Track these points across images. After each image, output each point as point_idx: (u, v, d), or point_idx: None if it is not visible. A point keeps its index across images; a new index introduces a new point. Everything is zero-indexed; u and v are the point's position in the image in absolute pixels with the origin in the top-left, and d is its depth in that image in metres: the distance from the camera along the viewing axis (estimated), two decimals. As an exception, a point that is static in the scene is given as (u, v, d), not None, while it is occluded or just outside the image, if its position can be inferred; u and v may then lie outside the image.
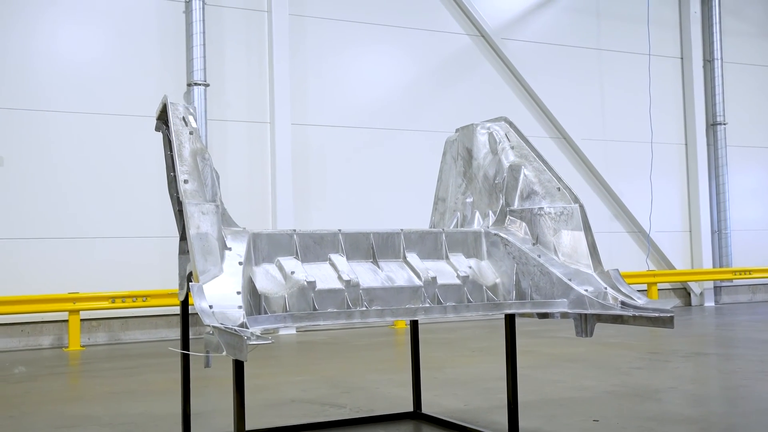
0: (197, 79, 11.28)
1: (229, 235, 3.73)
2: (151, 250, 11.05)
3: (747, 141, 16.17)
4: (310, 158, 12.21)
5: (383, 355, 8.75)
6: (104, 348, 10.24)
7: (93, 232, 10.80)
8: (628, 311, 3.81)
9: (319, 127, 12.29)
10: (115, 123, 11.05)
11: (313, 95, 12.29)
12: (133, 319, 10.94)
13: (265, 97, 11.92)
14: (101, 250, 10.81)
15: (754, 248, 15.94)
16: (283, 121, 11.82)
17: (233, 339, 2.95)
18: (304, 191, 12.09)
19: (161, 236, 11.11)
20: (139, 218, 11.07)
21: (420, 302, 3.99)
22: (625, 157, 14.55)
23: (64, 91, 10.82)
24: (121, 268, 10.83)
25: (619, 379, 6.34)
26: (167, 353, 9.40)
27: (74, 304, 10.08)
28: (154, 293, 10.48)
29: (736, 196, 15.79)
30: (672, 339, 9.16)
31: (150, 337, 11.00)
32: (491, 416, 5.01)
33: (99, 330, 10.77)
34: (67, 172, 10.75)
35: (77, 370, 8.22)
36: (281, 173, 11.72)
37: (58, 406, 5.90)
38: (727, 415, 4.90)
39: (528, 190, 4.44)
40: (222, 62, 11.73)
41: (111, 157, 11.01)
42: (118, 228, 10.94)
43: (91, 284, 10.54)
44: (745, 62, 16.37)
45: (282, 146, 11.78)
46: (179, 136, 3.81)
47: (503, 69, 13.74)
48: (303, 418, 5.09)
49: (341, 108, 12.47)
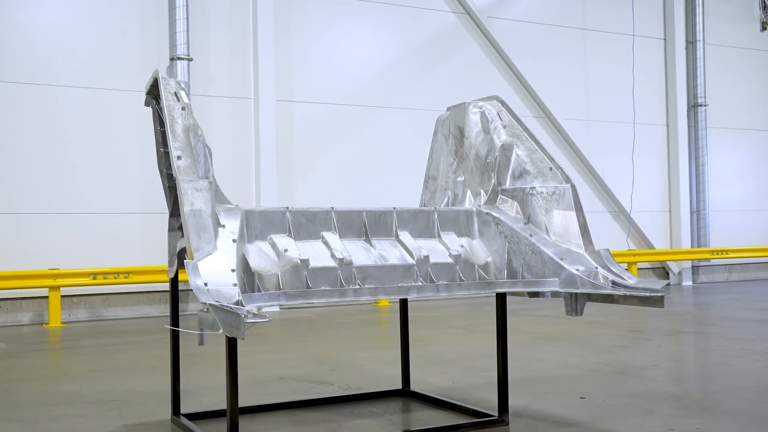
0: (180, 53, 11.14)
1: (222, 212, 3.71)
2: (134, 226, 10.97)
3: (726, 123, 16.31)
4: (295, 135, 12.14)
5: (368, 333, 8.78)
6: (85, 325, 10.18)
7: (74, 208, 10.68)
8: (618, 290, 3.84)
9: (304, 103, 12.21)
10: (96, 97, 10.90)
11: (298, 72, 12.20)
12: (115, 296, 10.87)
13: (249, 72, 11.81)
14: (82, 226, 10.70)
15: (731, 228, 16.13)
16: (267, 98, 11.73)
17: (230, 317, 2.94)
18: (288, 168, 12.03)
19: (143, 212, 11.03)
20: (121, 194, 10.96)
21: (412, 281, 4.00)
22: (608, 137, 14.61)
23: (43, 65, 10.64)
24: (102, 244, 10.74)
25: (603, 357, 6.41)
26: (150, 330, 9.36)
27: (55, 281, 10.00)
28: (137, 270, 10.42)
29: (715, 177, 15.95)
30: (652, 317, 9.26)
31: (132, 314, 10.95)
32: (479, 393, 5.05)
33: (80, 306, 10.69)
34: (47, 147, 10.60)
35: (59, 347, 8.17)
36: (265, 150, 11.65)
37: (42, 383, 5.87)
38: (709, 393, 4.97)
39: (520, 170, 4.45)
40: (206, 37, 11.59)
41: (92, 132, 10.87)
42: (99, 204, 10.83)
43: (72, 260, 10.45)
44: (727, 44, 16.46)
45: (266, 123, 11.70)
46: (171, 112, 3.77)
47: (489, 47, 13.70)
48: (292, 396, 5.10)
49: (327, 85, 12.39)
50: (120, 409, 4.80)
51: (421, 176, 12.91)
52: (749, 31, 16.83)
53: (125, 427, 4.33)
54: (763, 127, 16.86)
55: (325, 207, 4.08)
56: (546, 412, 4.47)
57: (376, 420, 4.39)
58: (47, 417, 4.63)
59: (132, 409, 4.80)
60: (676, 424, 4.12)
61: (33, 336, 9.06)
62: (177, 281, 4.47)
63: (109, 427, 4.32)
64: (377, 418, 4.44)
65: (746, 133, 16.65)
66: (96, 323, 10.31)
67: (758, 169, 16.77)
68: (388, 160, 12.69)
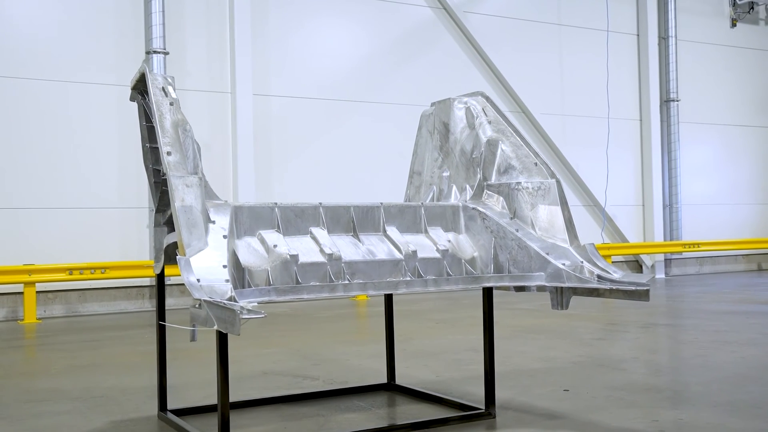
0: (156, 46, 11.05)
1: (211, 208, 3.69)
2: (110, 221, 10.87)
3: (698, 118, 16.53)
4: (272, 129, 12.10)
5: (347, 327, 8.80)
6: (61, 320, 10.08)
7: (49, 203, 10.56)
8: (605, 284, 3.90)
9: (281, 98, 12.17)
10: (71, 91, 10.77)
11: (274, 66, 12.15)
12: (91, 291, 10.77)
13: (226, 66, 11.75)
14: (58, 221, 10.58)
15: (702, 222, 16.37)
16: (244, 92, 11.67)
17: (225, 313, 2.94)
18: (266, 162, 11.99)
19: (120, 207, 10.94)
20: (96, 189, 10.86)
21: (401, 275, 4.02)
22: (583, 132, 14.75)
23: (17, 57, 10.49)
24: (78, 239, 10.64)
25: (583, 350, 6.49)
26: (128, 325, 9.30)
27: (30, 276, 9.88)
28: (114, 265, 10.33)
29: (687, 171, 16.17)
30: (628, 310, 9.38)
31: (108, 309, 10.85)
32: (464, 387, 5.09)
33: (55, 302, 10.58)
34: (21, 141, 10.46)
35: (36, 343, 8.08)
36: (242, 144, 11.60)
37: (23, 380, 5.81)
38: (689, 384, 5.06)
39: (505, 165, 4.49)
40: (182, 30, 11.50)
41: (68, 126, 10.75)
42: (75, 199, 10.72)
43: (47, 256, 10.33)
44: (698, 40, 16.68)
45: (243, 117, 11.64)
46: (160, 107, 3.74)
47: (465, 42, 13.75)
48: (278, 390, 5.10)
49: (304, 79, 12.36)
50: (105, 406, 4.77)
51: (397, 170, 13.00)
52: (720, 27, 17.07)
53: (112, 423, 4.31)
54: (733, 122, 17.12)
55: (312, 202, 4.08)
56: (531, 405, 4.52)
57: (363, 414, 4.41)
58: (32, 414, 4.59)
59: (117, 406, 4.77)
60: (659, 416, 4.19)
61: (8, 332, 8.95)
62: (163, 276, 4.45)
63: (95, 424, 4.30)
64: (365, 412, 4.46)
65: (717, 128, 16.89)
66: (72, 319, 10.21)
67: (728, 163, 17.03)
68: (365, 153, 12.70)
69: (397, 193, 11.38)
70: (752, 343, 6.66)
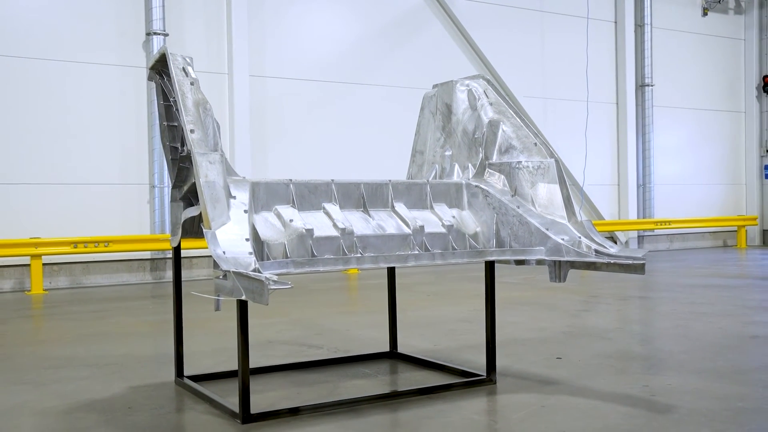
0: (156, 28, 10.93)
1: (231, 184, 3.69)
2: (112, 197, 10.81)
3: (670, 102, 16.64)
4: (267, 110, 12.04)
5: (342, 299, 8.83)
6: (66, 292, 10.03)
7: (54, 179, 10.47)
8: (602, 258, 3.94)
9: (277, 79, 12.09)
10: (74, 70, 10.64)
11: (270, 48, 12.06)
12: (95, 264, 10.72)
13: (223, 48, 11.64)
14: (62, 196, 10.50)
15: (673, 201, 16.54)
16: (241, 73, 11.59)
17: (254, 284, 2.95)
18: (261, 142, 11.94)
19: (121, 183, 10.88)
20: (99, 166, 10.77)
21: (409, 249, 4.04)
22: (563, 114, 14.80)
23: (22, 38, 10.34)
24: (82, 214, 10.57)
25: (570, 321, 6.57)
26: (132, 297, 9.28)
27: (36, 249, 9.82)
28: (116, 239, 10.29)
29: (659, 152, 16.30)
30: (606, 284, 9.49)
31: (111, 282, 10.82)
32: (463, 355, 5.14)
33: (60, 274, 10.52)
34: (28, 119, 10.34)
35: (45, 313, 8.05)
36: (239, 125, 11.54)
37: (38, 347, 5.80)
38: (673, 353, 5.15)
39: (506, 145, 4.51)
40: (181, 12, 11.38)
41: (72, 105, 10.63)
42: (79, 174, 10.63)
43: (52, 229, 10.26)
44: (672, 28, 16.74)
45: (240, 97, 11.57)
46: (181, 87, 3.72)
47: (452, 27, 13.72)
48: (285, 358, 5.13)
49: (298, 61, 12.28)
50: (121, 372, 4.78)
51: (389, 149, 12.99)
52: (692, 16, 17.14)
53: (132, 388, 4.32)
54: (703, 107, 17.25)
55: (325, 179, 4.09)
56: (528, 372, 4.58)
57: (370, 380, 4.45)
58: (53, 380, 4.59)
59: (133, 372, 4.78)
60: (649, 381, 4.27)
61: (17, 303, 8.90)
62: (179, 249, 4.45)
63: (115, 389, 4.31)
64: (372, 378, 4.51)
65: (688, 111, 17.01)
66: (77, 290, 10.17)
67: (698, 145, 17.18)
68: (357, 134, 12.68)
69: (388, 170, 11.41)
70: (727, 314, 6.78)
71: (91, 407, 3.92)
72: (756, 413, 3.60)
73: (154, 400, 4.06)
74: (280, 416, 3.64)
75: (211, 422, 3.60)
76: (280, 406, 3.82)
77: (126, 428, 3.53)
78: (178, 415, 3.81)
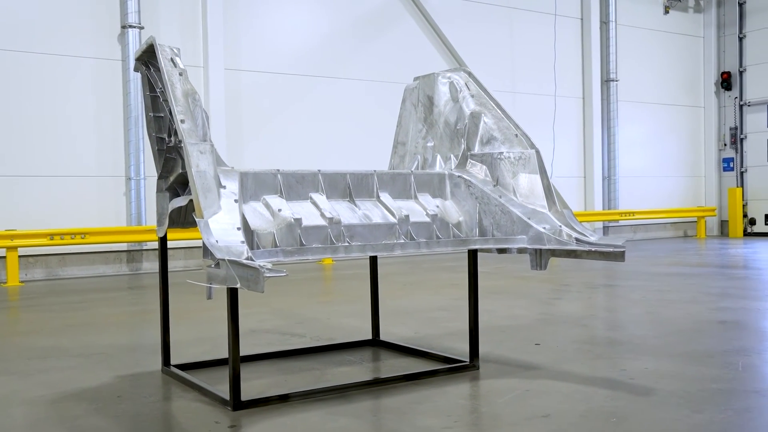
0: (131, 21, 10.76)
1: (221, 174, 3.65)
2: (88, 188, 10.64)
3: (634, 97, 16.84)
4: (243, 103, 11.93)
5: (319, 289, 8.81)
6: (43, 284, 9.86)
7: (30, 171, 10.28)
8: (583, 246, 3.98)
9: (253, 72, 11.99)
10: (50, 62, 10.44)
11: (245, 41, 11.94)
12: (71, 256, 10.55)
13: (198, 41, 11.50)
14: (38, 189, 10.31)
15: (636, 193, 16.77)
16: (216, 66, 11.47)
17: (249, 272, 2.93)
18: (237, 135, 11.83)
19: (97, 175, 10.71)
20: (75, 157, 10.59)
21: (395, 238, 4.04)
22: (531, 108, 14.89)
23: (-5, 29, 10.11)
24: (58, 206, 10.39)
25: (544, 308, 6.63)
26: (109, 288, 9.15)
27: (12, 241, 9.62)
28: (93, 231, 10.13)
29: (623, 146, 16.50)
30: (575, 273, 9.59)
31: (88, 273, 10.66)
32: (444, 342, 5.16)
33: (36, 266, 10.33)
34: (2, 111, 10.12)
35: (24, 305, 7.90)
36: (215, 118, 11.41)
37: (20, 338, 5.69)
38: (646, 338, 5.22)
39: (488, 136, 4.52)
40: (156, 5, 11.21)
41: (47, 97, 10.43)
42: (55, 167, 10.44)
43: (28, 222, 10.07)
44: (636, 25, 16.93)
45: (215, 90, 11.45)
46: (171, 77, 3.67)
47: (423, 22, 13.71)
48: (268, 347, 5.10)
49: (272, 55, 12.19)
50: (107, 362, 4.71)
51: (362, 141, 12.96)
52: (654, 14, 17.35)
53: (119, 377, 4.26)
54: (665, 102, 17.49)
55: (312, 169, 4.06)
56: (508, 358, 4.61)
57: (355, 367, 4.45)
58: (39, 370, 4.51)
59: (119, 362, 4.71)
60: (626, 365, 4.33)
61: (-7, 295, 8.73)
62: (165, 239, 4.39)
63: (103, 379, 4.24)
64: (357, 365, 4.50)
65: (650, 106, 17.24)
66: (53, 282, 10.00)
67: (660, 139, 17.43)
68: (331, 127, 12.64)
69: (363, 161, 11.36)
70: (694, 301, 6.89)
71: (80, 396, 3.86)
72: (730, 394, 3.67)
73: (143, 388, 4.01)
74: (270, 403, 3.62)
75: (202, 410, 3.57)
76: (269, 393, 3.80)
77: (117, 416, 3.48)
78: (168, 403, 3.77)
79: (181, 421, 3.43)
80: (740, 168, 17.97)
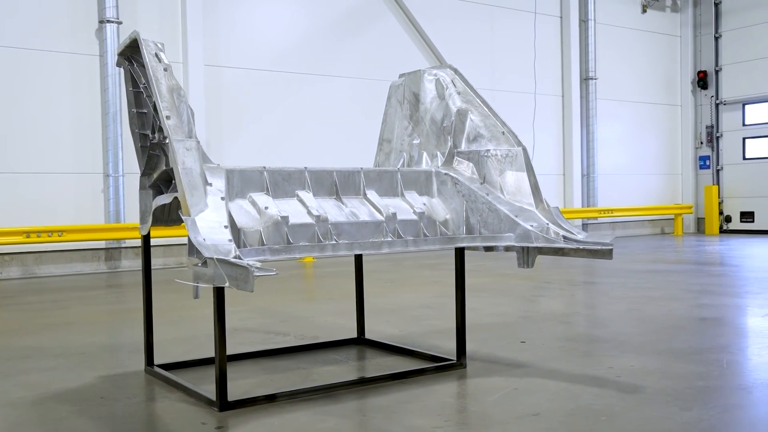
0: (110, 16, 10.61)
1: (207, 171, 3.59)
2: (65, 186, 10.48)
3: (612, 95, 16.95)
4: (223, 99, 11.82)
5: (301, 287, 8.75)
6: (19, 282, 9.70)
7: (5, 168, 10.10)
8: (571, 244, 3.97)
9: (232, 69, 11.88)
10: (26, 58, 10.26)
11: (225, 37, 11.83)
12: (48, 254, 10.39)
13: (177, 36, 11.38)
14: (13, 186, 10.13)
15: (615, 190, 16.89)
16: (195, 62, 11.35)
17: (238, 271, 2.88)
18: (217, 131, 11.72)
19: (75, 172, 10.56)
20: (52, 154, 10.43)
21: (382, 236, 4.01)
22: (512, 106, 14.91)
23: (-31, 23, 9.92)
24: (34, 203, 10.23)
25: (528, 306, 6.64)
26: (87, 286, 9.02)
27: (-13, 239, 9.46)
28: (70, 228, 9.98)
29: (602, 144, 16.60)
30: (557, 270, 9.63)
31: (65, 271, 10.50)
32: (428, 340, 5.13)
33: (12, 264, 10.16)
34: (-25, 106, 9.94)
35: (1, 304, 7.75)
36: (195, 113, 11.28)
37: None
38: (631, 335, 5.23)
39: (474, 134, 4.50)
40: (135, 0, 11.06)
41: (23, 92, 10.25)
42: (31, 164, 10.27)
43: (3, 219, 9.90)
44: (614, 24, 17.04)
45: (195, 87, 11.34)
46: (155, 73, 3.60)
47: (405, 20, 13.68)
48: (252, 346, 5.04)
49: (252, 51, 12.09)
50: (89, 362, 4.63)
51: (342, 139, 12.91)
52: (632, 13, 17.48)
53: (101, 378, 4.19)
54: (642, 100, 17.63)
55: (298, 167, 4.01)
56: (495, 356, 4.60)
57: (342, 366, 4.41)
58: (18, 371, 4.42)
59: (100, 362, 4.63)
60: (613, 363, 4.33)
61: (-32, 294, 8.57)
62: (149, 237, 4.32)
63: (85, 379, 4.16)
64: (343, 364, 4.46)
65: (628, 104, 17.37)
66: (30, 280, 9.84)
67: (638, 137, 17.57)
68: (311, 123, 12.57)
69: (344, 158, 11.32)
70: (675, 298, 6.93)
71: (62, 398, 3.78)
72: (716, 391, 3.68)
73: (127, 389, 3.94)
74: (257, 403, 3.57)
75: (187, 410, 3.51)
76: (255, 393, 3.75)
77: (100, 418, 3.41)
78: (153, 404, 3.70)
79: (166, 422, 3.37)
80: (716, 166, 18.16)
